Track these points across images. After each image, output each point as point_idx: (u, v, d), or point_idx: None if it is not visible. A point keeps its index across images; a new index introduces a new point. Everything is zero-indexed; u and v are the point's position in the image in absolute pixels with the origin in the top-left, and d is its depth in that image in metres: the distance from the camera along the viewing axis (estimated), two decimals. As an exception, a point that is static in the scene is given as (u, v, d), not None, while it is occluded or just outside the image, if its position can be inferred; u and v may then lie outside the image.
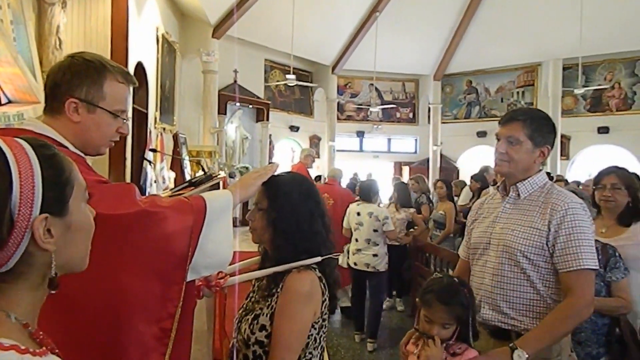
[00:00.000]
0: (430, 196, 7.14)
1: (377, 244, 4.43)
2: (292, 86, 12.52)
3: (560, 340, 1.62)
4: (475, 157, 15.09)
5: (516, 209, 1.74)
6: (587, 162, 13.19)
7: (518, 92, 14.59)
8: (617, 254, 2.10)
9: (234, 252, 1.38)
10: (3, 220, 0.65)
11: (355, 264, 4.48)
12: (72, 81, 1.21)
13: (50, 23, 5.31)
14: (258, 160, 12.45)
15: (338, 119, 15.15)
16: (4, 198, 0.65)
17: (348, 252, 4.60)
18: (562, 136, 13.13)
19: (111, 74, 1.25)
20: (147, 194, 6.41)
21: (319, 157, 13.66)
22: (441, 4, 12.77)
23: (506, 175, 1.77)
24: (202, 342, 2.55)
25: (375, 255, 4.40)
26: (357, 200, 4.85)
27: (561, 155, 13.01)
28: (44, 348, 0.68)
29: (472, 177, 6.44)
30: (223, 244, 1.28)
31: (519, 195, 1.74)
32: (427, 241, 5.50)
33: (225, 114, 11.24)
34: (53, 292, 0.72)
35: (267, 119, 12.41)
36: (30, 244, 0.67)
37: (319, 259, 1.41)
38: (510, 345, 1.53)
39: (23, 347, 0.63)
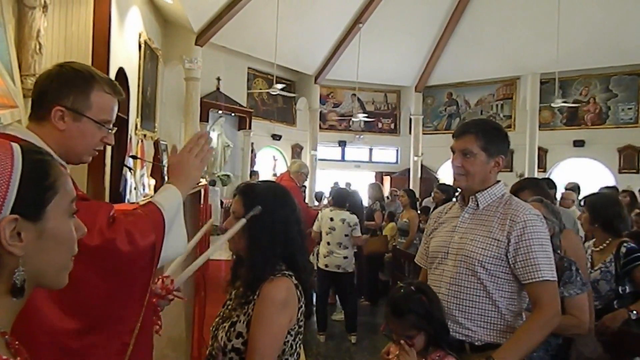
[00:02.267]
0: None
1: (347, 247, 4.77)
2: (275, 95, 12.53)
3: (534, 348, 1.63)
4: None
5: (475, 219, 1.75)
6: (564, 174, 13.46)
7: (497, 105, 14.84)
8: (573, 268, 1.95)
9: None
10: None
11: (326, 265, 4.77)
12: (59, 89, 1.21)
13: (31, 27, 5.24)
14: (240, 168, 12.39)
15: (320, 128, 15.20)
16: None
17: (317, 254, 4.91)
18: (539, 149, 13.39)
19: (99, 84, 1.26)
20: (126, 201, 6.33)
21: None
22: (423, 17, 12.97)
23: (465, 188, 1.78)
24: (180, 350, 2.52)
25: (345, 257, 4.74)
26: (329, 206, 5.17)
27: (538, 167, 13.26)
28: (19, 359, 0.66)
29: (437, 187, 6.51)
30: (180, 243, 1.31)
31: (478, 205, 1.75)
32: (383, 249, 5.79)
33: (207, 121, 11.18)
34: (15, 299, 0.67)
35: (250, 127, 12.38)
36: None
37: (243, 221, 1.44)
38: (486, 356, 1.55)
39: (4, 357, 0.62)
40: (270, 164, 14.09)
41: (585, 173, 12.82)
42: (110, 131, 1.31)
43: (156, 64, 9.09)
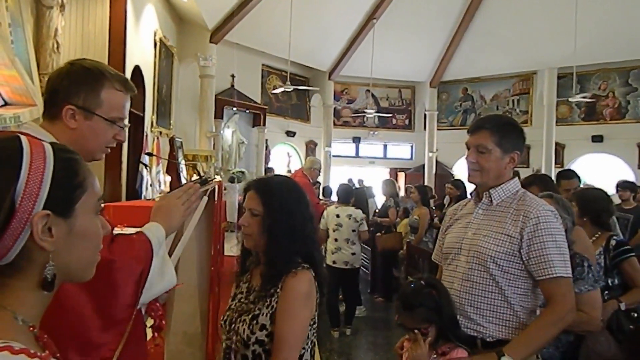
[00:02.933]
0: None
1: (355, 243, 4.80)
2: (290, 91, 12.56)
3: (546, 346, 1.63)
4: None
5: (489, 215, 1.74)
6: (582, 170, 13.28)
7: (513, 100, 14.67)
8: (585, 264, 1.94)
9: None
10: (1, 207, 0.65)
11: (334, 262, 4.79)
12: (69, 88, 1.22)
13: (48, 26, 5.33)
14: (254, 165, 12.45)
15: (334, 124, 15.18)
16: (6, 185, 0.65)
17: (325, 251, 4.90)
18: (556, 144, 13.21)
19: (109, 81, 1.25)
20: (142, 198, 6.41)
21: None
22: (438, 12, 12.86)
23: (479, 184, 1.77)
24: (195, 346, 2.55)
25: (353, 253, 4.78)
26: (335, 203, 5.21)
27: (556, 163, 13.08)
28: (47, 352, 0.68)
29: (451, 183, 6.46)
30: (167, 277, 1.29)
31: (491, 201, 1.74)
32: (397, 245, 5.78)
33: (222, 118, 11.25)
34: (47, 293, 0.70)
35: (264, 124, 12.43)
36: (29, 239, 0.67)
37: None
38: (497, 350, 1.53)
39: (32, 351, 0.63)
40: (284, 160, 14.13)
41: (603, 169, 12.63)
42: (122, 128, 1.31)
43: (171, 62, 9.17)
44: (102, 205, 0.80)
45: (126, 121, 1.35)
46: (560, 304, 1.59)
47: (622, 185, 5.58)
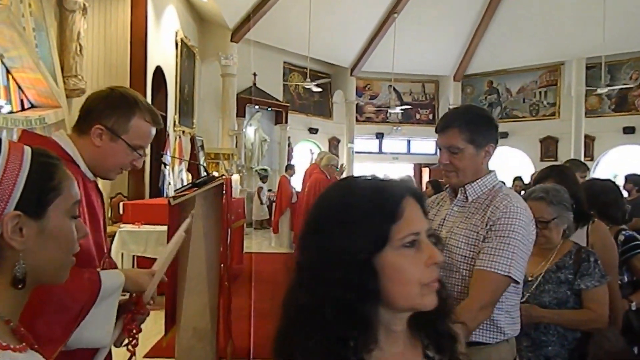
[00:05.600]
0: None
1: None
2: (309, 88, 12.57)
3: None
4: (497, 158, 14.88)
5: (463, 212, 1.64)
6: (613, 163, 12.88)
7: (540, 92, 14.34)
8: (592, 259, 1.84)
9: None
10: None
11: None
12: (104, 110, 1.32)
13: (71, 29, 5.47)
14: (277, 162, 12.53)
15: (357, 120, 15.14)
16: None
17: None
18: (586, 137, 12.85)
19: (141, 112, 1.35)
20: (165, 196, 6.53)
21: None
22: (461, 3, 12.66)
23: (457, 185, 1.66)
24: (206, 341, 2.59)
25: None
26: None
27: (585, 156, 12.71)
28: (24, 344, 0.71)
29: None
30: (101, 332, 1.26)
31: (467, 198, 1.65)
32: None
33: (244, 116, 11.36)
34: (18, 289, 0.72)
35: (286, 122, 12.49)
36: (0, 238, 0.69)
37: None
38: None
39: (4, 344, 0.66)
40: (307, 157, 14.16)
41: (636, 161, 12.22)
42: (140, 156, 1.40)
43: (193, 62, 9.30)
44: (77, 210, 0.81)
45: (147, 151, 1.44)
46: (472, 299, 1.49)
47: (630, 179, 5.45)
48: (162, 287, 1.51)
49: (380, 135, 15.91)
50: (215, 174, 2.84)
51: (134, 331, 1.36)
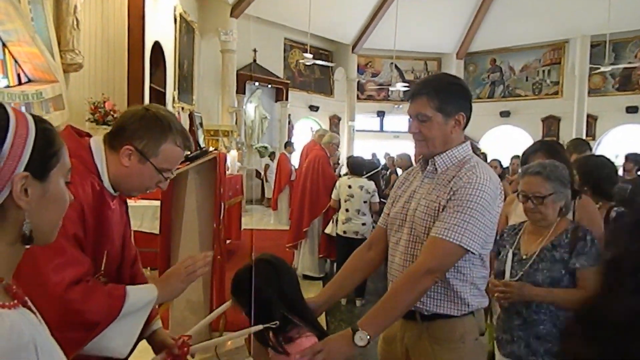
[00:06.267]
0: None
1: (365, 214, 4.82)
2: (311, 65, 12.46)
3: (404, 312, 1.48)
4: (499, 138, 14.83)
5: (432, 184, 1.61)
6: (615, 142, 12.82)
7: (544, 71, 14.19)
8: (588, 238, 1.81)
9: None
10: None
11: (344, 232, 4.83)
12: (137, 131, 1.32)
13: (68, 3, 5.40)
14: (277, 140, 12.50)
15: (358, 98, 15.04)
16: None
17: (336, 221, 4.95)
18: (588, 116, 12.77)
19: (173, 136, 1.34)
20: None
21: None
22: (464, -20, 12.45)
23: (427, 155, 1.63)
24: (200, 313, 2.62)
25: (364, 224, 4.78)
26: (347, 174, 5.17)
27: (587, 135, 12.65)
28: (15, 301, 0.73)
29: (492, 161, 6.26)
30: (120, 345, 1.28)
31: (436, 169, 1.62)
32: None
33: (244, 93, 11.29)
34: (27, 246, 0.78)
35: (287, 99, 12.42)
36: (8, 197, 0.73)
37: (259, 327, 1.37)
38: (352, 326, 1.41)
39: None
40: (307, 135, 14.13)
41: (638, 141, 12.16)
42: (166, 179, 1.40)
43: (192, 37, 9.19)
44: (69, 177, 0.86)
45: (173, 173, 1.43)
46: (419, 263, 1.47)
47: (629, 158, 5.40)
48: (154, 260, 1.53)
49: (381, 114, 15.82)
50: (212, 149, 2.84)
51: None
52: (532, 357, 1.81)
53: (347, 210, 4.78)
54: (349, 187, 4.81)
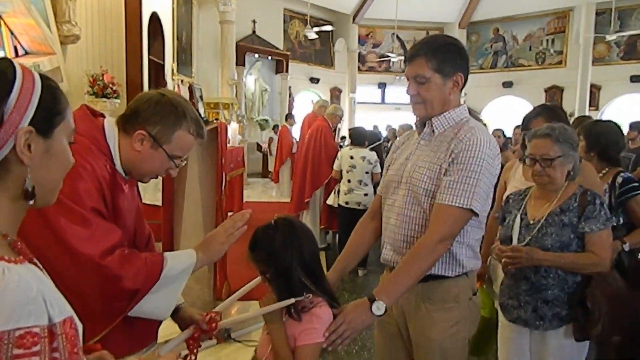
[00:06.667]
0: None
1: (367, 185, 4.81)
2: (312, 38, 12.28)
3: (418, 280, 1.49)
4: (501, 108, 14.72)
5: (429, 146, 1.60)
6: (618, 112, 12.72)
7: (547, 40, 13.98)
8: (597, 202, 1.80)
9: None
10: None
11: (346, 202, 4.84)
12: (151, 117, 1.29)
13: (63, -27, 5.29)
14: (278, 113, 12.43)
15: (359, 70, 14.88)
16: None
17: (338, 192, 4.97)
18: (592, 86, 12.63)
19: (187, 124, 1.32)
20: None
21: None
22: (468, -54, 12.14)
23: (425, 118, 1.61)
24: (204, 283, 2.65)
25: (366, 194, 4.78)
26: (348, 145, 5.14)
27: (590, 105, 12.56)
28: (21, 257, 0.73)
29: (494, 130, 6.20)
30: (161, 310, 1.31)
31: (433, 131, 1.60)
32: None
33: (243, 65, 11.15)
34: (31, 203, 0.77)
35: (287, 71, 12.28)
36: (11, 151, 0.72)
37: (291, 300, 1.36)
38: (369, 296, 1.43)
39: (6, 258, 0.68)
40: (308, 108, 14.04)
41: (641, 110, 12.08)
42: (177, 166, 1.39)
43: (190, 8, 9.04)
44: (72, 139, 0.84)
45: (184, 161, 1.41)
46: (431, 232, 1.47)
47: (633, 126, 5.35)
48: (158, 233, 1.54)
49: (382, 85, 15.68)
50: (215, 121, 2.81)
51: (195, 348, 1.38)
52: (539, 322, 1.82)
53: (349, 181, 4.78)
54: (351, 157, 4.80)
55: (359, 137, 4.95)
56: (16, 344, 0.63)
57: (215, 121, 2.50)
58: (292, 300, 1.34)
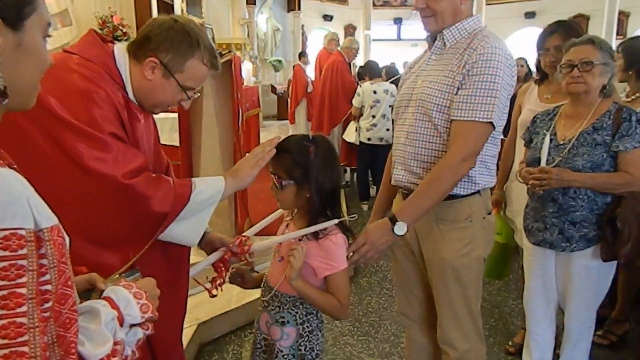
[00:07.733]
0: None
1: (389, 119, 4.70)
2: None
3: (439, 201, 1.46)
4: (522, 41, 14.15)
5: (440, 59, 1.52)
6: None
7: (573, -38, 13.15)
8: (633, 119, 1.70)
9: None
10: None
11: (369, 139, 4.78)
12: (163, 43, 1.24)
13: None
14: (291, 53, 12.14)
15: (374, 5, 14.27)
16: None
17: (359, 129, 4.88)
18: (620, 13, 11.98)
19: (200, 53, 1.26)
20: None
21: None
22: None
23: (436, 31, 1.53)
24: (225, 217, 2.68)
25: (388, 129, 4.69)
26: (368, 80, 4.98)
27: (617, 34, 11.96)
28: (1, 162, 0.69)
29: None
30: (191, 235, 1.29)
31: (444, 44, 1.52)
32: None
33: (254, 4, 10.81)
34: (4, 103, 0.71)
35: (299, 8, 11.90)
36: None
37: (335, 221, 1.34)
38: (390, 217, 1.41)
39: None
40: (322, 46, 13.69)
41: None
42: (189, 98, 1.33)
43: (197, -56, 8.65)
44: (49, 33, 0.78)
45: (197, 93, 1.36)
46: (454, 151, 1.42)
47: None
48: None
49: (398, 21, 15.12)
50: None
51: (224, 271, 1.39)
52: (565, 244, 1.80)
53: (373, 116, 4.71)
54: (374, 92, 4.70)
55: (374, 70, 4.84)
56: (1, 246, 0.60)
57: (229, 53, 2.42)
58: (336, 221, 1.33)
